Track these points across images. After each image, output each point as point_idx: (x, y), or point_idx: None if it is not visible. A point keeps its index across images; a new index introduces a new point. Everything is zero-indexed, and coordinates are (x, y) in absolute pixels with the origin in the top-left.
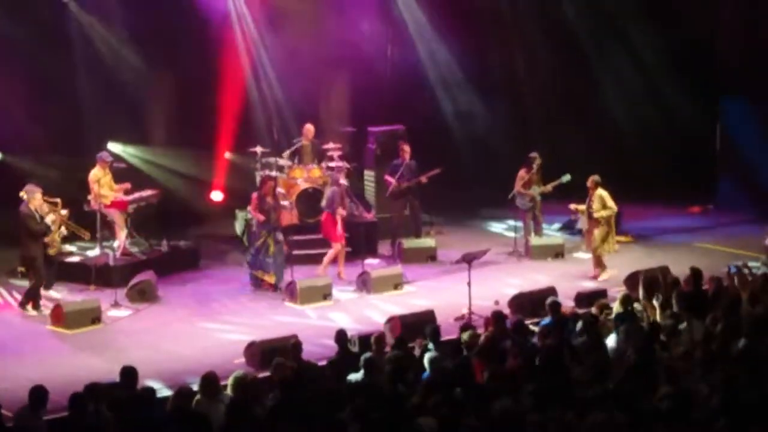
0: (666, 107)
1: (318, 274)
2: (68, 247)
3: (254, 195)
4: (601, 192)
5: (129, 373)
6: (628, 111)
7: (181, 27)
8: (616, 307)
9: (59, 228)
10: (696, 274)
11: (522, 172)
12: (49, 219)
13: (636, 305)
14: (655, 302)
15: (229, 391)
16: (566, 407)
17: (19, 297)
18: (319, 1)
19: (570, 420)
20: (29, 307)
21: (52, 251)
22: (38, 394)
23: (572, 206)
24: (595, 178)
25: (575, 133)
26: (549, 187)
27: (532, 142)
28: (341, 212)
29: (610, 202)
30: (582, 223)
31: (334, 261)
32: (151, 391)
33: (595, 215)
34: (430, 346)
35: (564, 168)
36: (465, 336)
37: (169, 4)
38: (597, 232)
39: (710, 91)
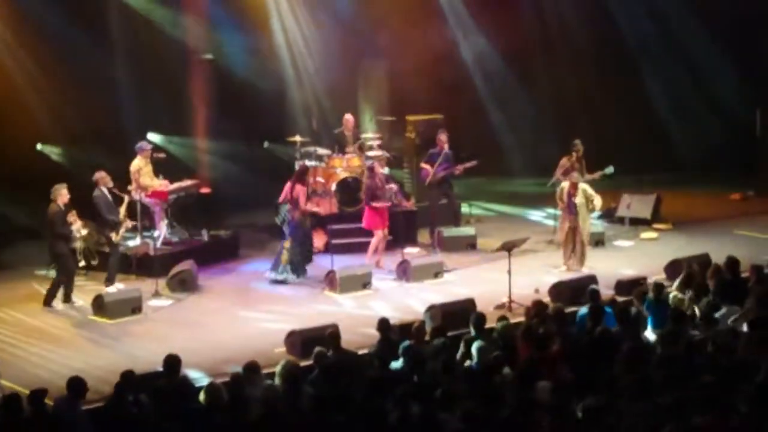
0: (707, 93)
1: (367, 263)
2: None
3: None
4: (585, 187)
5: (172, 362)
6: (668, 97)
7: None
8: (649, 295)
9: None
10: (733, 262)
11: (564, 160)
12: (76, 227)
13: (673, 293)
14: (689, 292)
15: (277, 379)
16: (606, 395)
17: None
18: None
19: (610, 407)
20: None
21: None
22: (76, 384)
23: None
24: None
25: (616, 120)
26: (595, 176)
27: (572, 130)
28: (374, 204)
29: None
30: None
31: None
32: (187, 380)
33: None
34: (474, 333)
35: (605, 155)
36: (500, 326)
37: None
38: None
39: (752, 76)
